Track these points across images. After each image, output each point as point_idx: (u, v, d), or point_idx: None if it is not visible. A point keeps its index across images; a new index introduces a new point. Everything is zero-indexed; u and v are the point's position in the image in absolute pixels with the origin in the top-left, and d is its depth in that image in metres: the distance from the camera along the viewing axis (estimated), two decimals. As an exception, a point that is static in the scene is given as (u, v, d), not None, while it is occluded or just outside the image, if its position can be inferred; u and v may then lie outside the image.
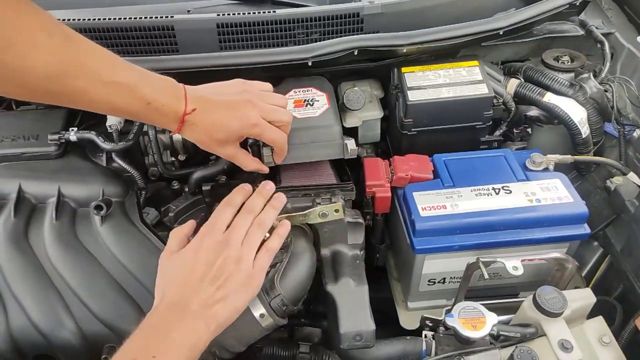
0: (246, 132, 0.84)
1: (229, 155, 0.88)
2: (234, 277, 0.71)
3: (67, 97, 0.70)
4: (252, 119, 0.83)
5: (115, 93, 0.72)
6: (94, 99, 0.71)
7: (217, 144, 0.84)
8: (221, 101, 0.82)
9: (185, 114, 0.78)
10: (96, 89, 0.70)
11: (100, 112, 0.76)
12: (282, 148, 0.91)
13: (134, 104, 0.74)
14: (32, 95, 0.69)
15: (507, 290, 1.04)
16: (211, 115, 0.81)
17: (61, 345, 0.86)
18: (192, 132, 0.82)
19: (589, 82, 1.08)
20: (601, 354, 0.79)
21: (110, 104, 0.73)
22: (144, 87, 0.74)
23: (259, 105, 0.84)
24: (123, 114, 0.77)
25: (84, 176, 0.98)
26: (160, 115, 0.77)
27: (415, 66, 1.07)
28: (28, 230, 0.93)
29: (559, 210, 0.93)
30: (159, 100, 0.76)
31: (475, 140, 1.12)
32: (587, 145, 1.08)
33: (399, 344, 0.89)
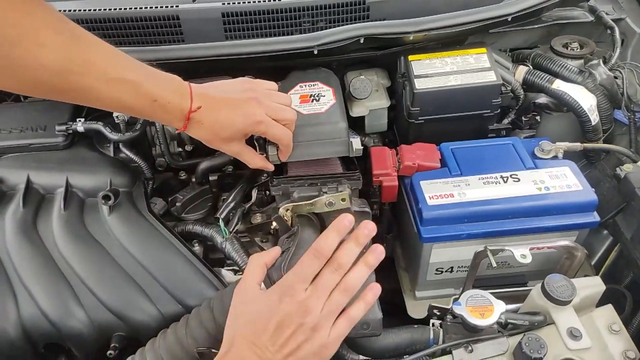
0: (251, 129, 0.84)
1: (234, 152, 0.88)
2: (306, 345, 0.66)
3: (73, 94, 0.70)
4: (257, 116, 0.83)
5: (121, 90, 0.72)
6: (100, 96, 0.71)
7: (222, 141, 0.84)
8: (226, 99, 0.82)
9: (191, 112, 0.78)
10: (102, 86, 0.70)
11: (106, 109, 0.76)
12: (288, 145, 0.90)
13: (140, 102, 0.74)
14: (38, 92, 0.69)
15: (516, 279, 1.03)
16: (216, 113, 0.81)
17: (71, 333, 0.86)
18: (198, 129, 0.82)
19: (598, 68, 1.06)
20: (610, 342, 0.78)
21: (117, 101, 0.73)
22: (150, 84, 0.74)
23: (264, 103, 0.84)
24: (129, 111, 0.77)
25: (92, 166, 0.99)
26: (165, 112, 0.77)
27: (422, 54, 1.06)
28: (37, 220, 0.93)
29: (568, 198, 0.92)
30: (165, 97, 0.76)
31: (483, 129, 1.11)
32: (596, 133, 1.07)
33: (406, 333, 0.89)
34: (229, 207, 0.93)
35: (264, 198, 1.04)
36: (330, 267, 0.69)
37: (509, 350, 0.77)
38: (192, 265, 0.89)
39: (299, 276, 0.69)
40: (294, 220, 0.89)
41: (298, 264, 0.70)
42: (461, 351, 0.78)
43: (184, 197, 1.03)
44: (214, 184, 1.07)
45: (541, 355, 0.72)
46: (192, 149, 1.13)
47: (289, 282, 0.69)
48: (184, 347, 0.78)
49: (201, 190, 1.06)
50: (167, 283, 0.88)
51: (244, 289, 0.71)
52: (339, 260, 0.69)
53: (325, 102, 0.98)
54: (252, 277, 0.72)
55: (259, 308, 0.68)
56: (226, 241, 0.96)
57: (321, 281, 0.68)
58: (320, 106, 0.97)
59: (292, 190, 0.91)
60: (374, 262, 0.72)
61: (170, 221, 1.04)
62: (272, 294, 0.68)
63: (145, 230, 0.92)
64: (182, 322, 0.81)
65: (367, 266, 0.71)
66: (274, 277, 0.79)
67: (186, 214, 1.04)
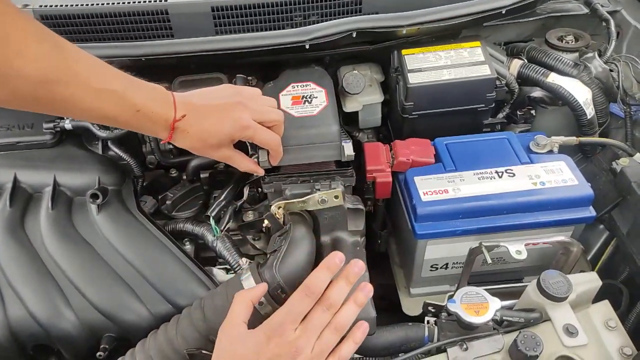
0: (238, 135, 0.83)
1: (224, 157, 0.86)
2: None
3: (56, 104, 0.68)
4: (243, 121, 0.81)
5: (104, 100, 0.70)
6: (83, 107, 0.69)
7: (210, 148, 0.83)
8: (211, 105, 0.80)
9: (175, 121, 0.76)
10: (86, 97, 0.68)
11: (90, 120, 0.75)
12: (277, 150, 0.89)
13: (124, 112, 0.72)
14: (21, 103, 0.67)
15: (511, 275, 1.03)
16: (202, 121, 0.79)
17: (60, 335, 0.85)
18: (184, 139, 0.80)
19: (594, 61, 1.05)
20: (607, 339, 0.77)
21: (100, 112, 0.71)
22: (134, 94, 0.73)
23: (249, 107, 0.83)
24: (113, 122, 0.75)
25: (80, 164, 0.97)
26: (150, 122, 0.75)
27: (416, 48, 1.05)
28: (24, 220, 0.92)
29: (564, 193, 0.91)
30: (149, 107, 0.74)
31: (478, 123, 1.10)
32: (592, 127, 1.06)
33: (400, 331, 0.88)
34: (220, 204, 0.92)
35: (256, 195, 1.03)
36: (322, 306, 0.69)
37: (505, 347, 0.76)
38: (183, 264, 0.88)
39: (289, 315, 0.68)
40: (287, 218, 0.88)
41: (288, 302, 0.69)
42: (456, 349, 0.77)
43: (174, 195, 1.02)
44: (205, 182, 1.05)
45: (537, 352, 0.71)
46: (183, 146, 1.12)
47: (278, 322, 0.68)
48: (174, 347, 0.76)
49: (192, 188, 1.04)
50: (158, 283, 0.86)
51: (229, 328, 0.69)
52: (330, 300, 0.69)
53: (317, 104, 0.96)
54: (237, 316, 0.69)
55: (246, 349, 0.66)
56: (217, 240, 0.95)
57: (312, 321, 0.68)
58: (313, 108, 0.95)
59: (284, 188, 0.90)
60: (363, 300, 0.72)
61: (161, 220, 1.02)
62: (260, 334, 0.67)
63: (134, 229, 0.91)
64: (172, 322, 0.80)
65: (357, 305, 0.71)
66: (266, 276, 0.78)
67: (177, 212, 1.03)
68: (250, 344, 0.66)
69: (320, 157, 0.94)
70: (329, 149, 0.93)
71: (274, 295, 0.77)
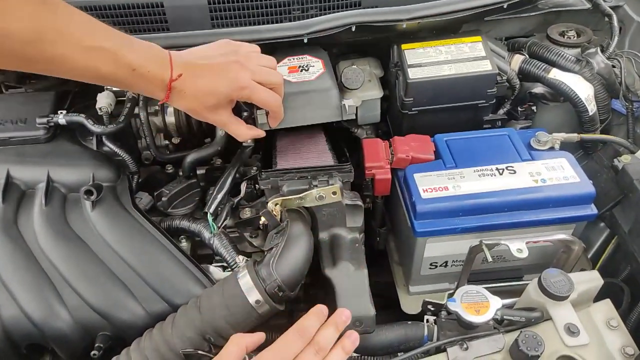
0: (236, 94, 0.81)
1: (222, 122, 0.84)
2: None
3: (46, 64, 0.66)
4: (241, 81, 0.80)
5: (97, 59, 0.68)
6: (75, 66, 0.68)
7: (208, 110, 0.81)
8: (208, 65, 0.79)
9: (172, 81, 0.75)
10: (77, 55, 0.66)
11: (84, 79, 0.72)
12: (277, 111, 0.87)
13: (118, 71, 0.70)
14: (10, 62, 0.65)
15: (511, 273, 1.02)
16: (199, 81, 0.77)
17: (54, 334, 0.83)
18: (181, 99, 0.78)
19: (596, 57, 1.04)
20: (608, 338, 0.76)
21: (93, 71, 0.69)
22: (128, 52, 0.71)
23: (247, 66, 0.81)
24: (107, 81, 0.73)
25: (74, 160, 0.95)
26: (145, 82, 0.74)
27: (416, 43, 1.03)
28: (17, 216, 0.90)
29: (565, 190, 0.90)
30: (144, 66, 0.72)
31: (478, 120, 1.09)
32: (593, 123, 1.04)
33: (399, 329, 0.86)
34: (217, 200, 0.90)
35: (254, 192, 1.01)
36: (312, 349, 0.68)
37: (505, 347, 0.75)
38: (179, 262, 0.87)
39: (282, 352, 0.67)
40: (284, 214, 0.86)
41: (279, 342, 0.68)
42: (456, 349, 0.76)
43: (170, 192, 1.00)
44: (201, 178, 1.03)
45: (538, 352, 0.70)
46: (179, 141, 1.10)
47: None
48: (170, 347, 0.75)
49: (188, 184, 1.03)
50: (153, 281, 0.85)
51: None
52: (320, 343, 0.68)
53: (314, 71, 0.96)
54: (228, 357, 0.67)
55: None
56: (214, 237, 0.93)
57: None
58: (310, 75, 0.95)
59: (281, 184, 0.88)
60: (351, 348, 0.71)
61: (156, 216, 1.00)
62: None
63: (129, 226, 0.89)
64: (168, 321, 0.79)
65: (344, 352, 0.71)
66: (263, 274, 0.77)
67: (173, 208, 1.01)
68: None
69: (320, 117, 0.94)
70: (328, 110, 0.93)
71: (272, 293, 0.76)
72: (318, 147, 1.01)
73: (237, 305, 0.75)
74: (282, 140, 1.04)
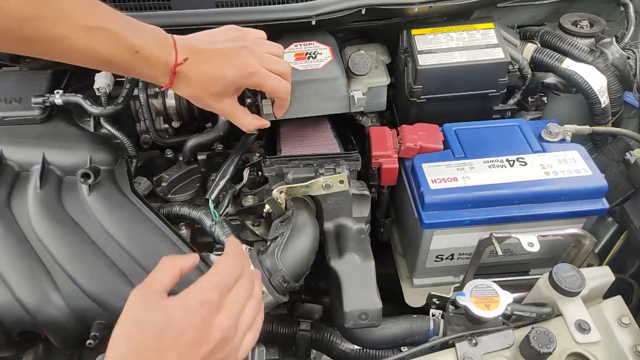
0: (244, 81, 0.77)
1: (226, 111, 0.80)
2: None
3: (45, 44, 0.63)
4: (249, 66, 0.76)
5: (98, 40, 0.65)
6: (75, 47, 0.64)
7: (213, 97, 0.77)
8: (215, 50, 0.75)
9: (177, 65, 0.71)
10: (77, 36, 0.63)
11: (82, 63, 0.68)
12: (285, 99, 0.84)
13: (120, 53, 0.67)
14: (7, 42, 0.62)
15: (518, 267, 1.00)
16: (205, 66, 0.74)
17: (47, 321, 0.81)
18: (186, 85, 0.74)
19: (611, 47, 1.01)
20: (620, 336, 0.74)
21: (94, 53, 0.66)
22: (130, 34, 0.67)
23: (256, 52, 0.78)
24: (108, 64, 0.69)
25: (71, 142, 0.92)
26: (149, 66, 0.70)
27: (427, 28, 1.00)
28: (11, 199, 0.87)
29: (577, 183, 0.88)
30: (148, 48, 0.69)
31: (488, 110, 1.06)
32: (605, 116, 1.02)
33: (405, 323, 0.84)
34: (219, 186, 0.87)
35: (256, 179, 0.98)
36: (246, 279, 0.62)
37: (515, 343, 0.73)
38: (179, 249, 0.84)
39: (218, 278, 0.59)
40: (289, 203, 0.83)
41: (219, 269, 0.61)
42: (465, 344, 0.74)
43: (171, 177, 0.97)
44: (202, 163, 1.00)
45: (550, 349, 0.68)
46: (180, 125, 1.07)
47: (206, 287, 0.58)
48: (169, 337, 0.72)
49: (189, 169, 1.00)
50: (152, 268, 0.81)
51: (146, 291, 0.57)
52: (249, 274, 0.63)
53: (322, 59, 0.92)
54: (160, 282, 0.58)
55: (168, 318, 0.54)
56: (216, 224, 0.91)
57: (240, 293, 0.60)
58: (317, 63, 0.92)
59: (286, 171, 0.85)
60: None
61: (156, 202, 0.97)
62: (186, 297, 0.56)
63: (128, 212, 0.86)
64: (167, 310, 0.76)
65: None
66: (267, 264, 0.74)
67: (173, 194, 0.98)
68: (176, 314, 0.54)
69: (327, 108, 0.91)
70: (336, 101, 0.90)
71: (276, 284, 0.73)
72: (323, 134, 0.98)
73: (240, 295, 0.72)
74: (286, 126, 1.01)
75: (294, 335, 0.95)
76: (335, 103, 0.90)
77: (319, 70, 0.91)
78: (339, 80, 0.90)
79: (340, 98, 0.90)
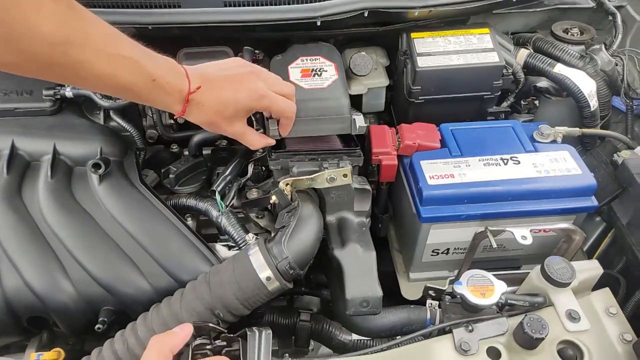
0: (255, 104, 0.81)
1: (237, 133, 0.83)
2: None
3: (70, 69, 0.65)
4: (259, 90, 0.80)
5: (120, 67, 0.67)
6: (97, 73, 0.66)
7: (226, 122, 0.80)
8: (225, 76, 0.78)
9: (190, 93, 0.74)
10: (101, 62, 0.66)
11: (101, 89, 0.71)
12: (291, 118, 0.87)
13: (139, 81, 0.70)
14: (35, 67, 0.64)
15: (510, 262, 1.04)
16: (217, 92, 0.77)
17: (57, 307, 0.82)
18: (199, 112, 0.77)
19: (600, 53, 1.06)
20: (608, 325, 0.78)
21: (114, 79, 0.68)
22: (149, 63, 0.70)
23: (263, 77, 0.81)
24: (126, 92, 0.72)
25: (81, 134, 0.94)
26: (165, 94, 0.73)
27: (426, 32, 1.04)
28: (22, 188, 0.89)
29: (567, 182, 0.92)
30: (164, 77, 0.71)
31: (482, 112, 1.10)
32: (594, 119, 1.07)
33: (403, 312, 0.88)
34: (226, 179, 0.90)
35: (260, 173, 1.01)
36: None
37: (509, 330, 0.77)
38: (187, 239, 0.86)
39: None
40: (294, 195, 0.87)
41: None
42: (461, 330, 0.77)
43: (178, 169, 0.99)
44: (207, 158, 1.03)
45: (543, 335, 0.72)
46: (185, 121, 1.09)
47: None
48: (179, 320, 0.75)
49: (195, 162, 1.02)
50: (160, 256, 0.84)
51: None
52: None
53: (327, 77, 0.95)
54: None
55: None
56: (222, 215, 0.93)
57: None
58: (322, 81, 0.94)
59: (291, 165, 0.89)
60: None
61: (162, 194, 1.00)
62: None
63: (137, 202, 0.88)
64: (176, 296, 0.79)
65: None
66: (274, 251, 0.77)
67: (179, 186, 1.00)
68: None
69: (330, 130, 0.93)
70: (338, 122, 0.92)
71: (282, 271, 0.76)
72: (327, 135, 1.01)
73: (247, 280, 0.75)
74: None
75: (294, 325, 0.97)
76: (338, 125, 0.93)
77: (324, 90, 0.93)
78: (342, 100, 0.92)
79: (343, 119, 0.92)
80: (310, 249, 0.79)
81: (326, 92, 0.93)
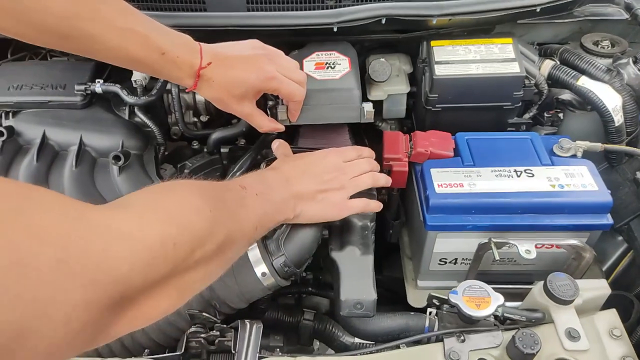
0: (264, 85, 0.83)
1: (246, 113, 0.87)
2: (333, 195, 0.82)
3: (82, 41, 0.70)
4: (269, 72, 0.82)
5: (129, 40, 0.72)
6: (108, 46, 0.71)
7: (234, 100, 0.83)
8: (237, 56, 0.82)
9: (201, 68, 0.78)
10: (110, 35, 0.70)
11: (114, 61, 0.76)
12: (299, 102, 0.90)
13: (149, 54, 0.74)
14: (47, 38, 0.70)
15: (522, 277, 1.01)
16: (228, 70, 0.80)
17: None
18: (209, 88, 0.81)
19: (627, 67, 1.02)
20: (609, 347, 0.76)
21: (124, 51, 0.73)
22: (159, 37, 0.74)
23: (275, 60, 0.84)
24: (137, 64, 0.77)
25: (106, 127, 1.00)
26: (175, 67, 0.77)
27: (446, 40, 1.04)
28: (49, 175, 0.95)
29: (582, 197, 0.89)
30: (174, 51, 0.75)
31: (503, 122, 1.08)
32: (620, 135, 1.03)
33: (402, 319, 0.88)
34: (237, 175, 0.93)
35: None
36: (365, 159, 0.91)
37: (503, 344, 0.76)
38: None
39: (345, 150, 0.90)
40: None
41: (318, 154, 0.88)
42: (452, 340, 0.77)
43: (193, 165, 1.04)
44: (225, 156, 1.07)
45: (534, 351, 0.70)
46: (208, 119, 1.14)
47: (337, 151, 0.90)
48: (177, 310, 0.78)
49: (210, 159, 1.06)
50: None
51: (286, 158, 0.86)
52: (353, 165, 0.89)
53: (340, 69, 0.97)
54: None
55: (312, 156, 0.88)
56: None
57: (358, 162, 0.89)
58: (335, 73, 0.97)
59: (301, 163, 0.90)
60: (380, 179, 0.92)
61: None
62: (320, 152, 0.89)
63: (152, 193, 0.93)
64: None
65: (373, 178, 0.90)
66: (271, 247, 0.79)
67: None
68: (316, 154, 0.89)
69: (339, 117, 0.96)
70: (348, 110, 0.94)
71: (278, 268, 0.78)
72: (339, 137, 1.03)
73: (244, 274, 0.78)
74: (305, 128, 1.06)
75: (298, 323, 0.99)
76: (348, 113, 0.95)
77: (336, 81, 0.96)
78: (353, 91, 0.94)
79: (353, 108, 0.94)
80: (307, 249, 0.81)
81: (338, 82, 0.96)
